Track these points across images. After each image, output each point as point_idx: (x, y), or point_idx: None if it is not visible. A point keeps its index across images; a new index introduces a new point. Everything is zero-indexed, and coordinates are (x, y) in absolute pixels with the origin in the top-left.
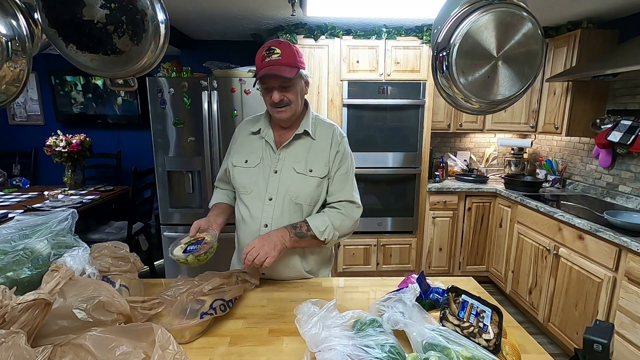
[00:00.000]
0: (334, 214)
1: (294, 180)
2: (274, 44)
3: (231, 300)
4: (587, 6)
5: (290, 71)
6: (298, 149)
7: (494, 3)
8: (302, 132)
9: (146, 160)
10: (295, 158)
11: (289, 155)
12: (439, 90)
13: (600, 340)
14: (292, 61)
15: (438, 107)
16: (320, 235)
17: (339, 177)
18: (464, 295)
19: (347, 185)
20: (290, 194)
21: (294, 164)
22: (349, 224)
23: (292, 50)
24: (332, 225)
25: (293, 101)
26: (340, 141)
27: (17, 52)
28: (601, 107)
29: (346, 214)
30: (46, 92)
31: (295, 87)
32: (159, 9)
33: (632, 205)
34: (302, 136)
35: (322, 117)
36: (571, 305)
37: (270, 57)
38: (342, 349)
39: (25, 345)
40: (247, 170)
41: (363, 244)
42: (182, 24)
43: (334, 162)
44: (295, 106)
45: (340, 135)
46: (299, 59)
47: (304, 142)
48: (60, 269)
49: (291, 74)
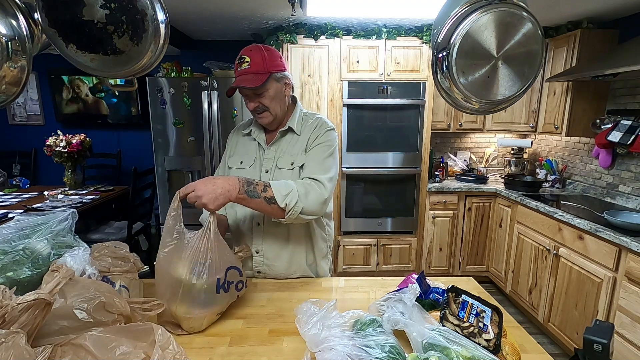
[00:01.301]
0: (299, 183)
1: (280, 177)
2: (246, 52)
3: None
4: (587, 6)
5: (256, 80)
6: (283, 146)
7: (494, 3)
8: (287, 128)
9: (146, 160)
10: (280, 155)
11: (275, 153)
12: (439, 90)
13: (600, 340)
14: (260, 68)
15: (438, 107)
16: (282, 199)
17: (311, 154)
18: (464, 295)
19: (316, 166)
20: None
21: (278, 161)
22: (315, 197)
23: (262, 55)
24: (297, 192)
25: (269, 106)
26: (320, 126)
27: (17, 52)
28: (601, 107)
29: (313, 187)
30: (46, 92)
31: (269, 92)
32: (159, 9)
33: (632, 205)
34: (287, 133)
35: (311, 112)
36: (571, 305)
37: (241, 67)
38: (342, 349)
39: (25, 345)
40: (242, 172)
41: (363, 244)
42: (182, 24)
43: (308, 144)
44: (274, 110)
45: (320, 126)
46: (272, 63)
47: (289, 138)
48: (61, 269)
49: (256, 83)
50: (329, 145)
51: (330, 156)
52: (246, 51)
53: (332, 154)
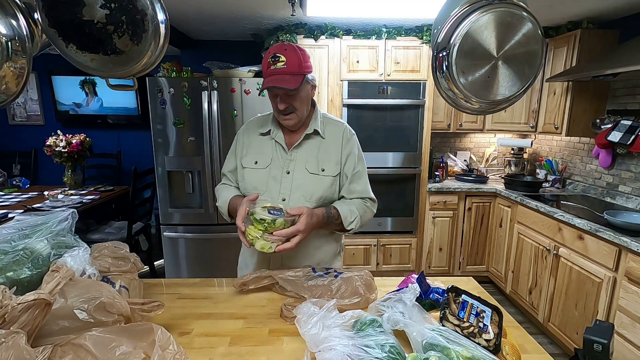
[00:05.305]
0: (358, 204)
1: (307, 180)
2: (280, 50)
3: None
4: (587, 6)
5: (294, 81)
6: (309, 149)
7: (494, 3)
8: (312, 131)
9: (146, 160)
10: (307, 158)
11: (300, 155)
12: (439, 90)
13: (600, 340)
14: (297, 69)
15: (438, 107)
16: (347, 225)
17: (356, 174)
18: (464, 295)
19: (364, 183)
20: (304, 194)
21: (306, 164)
22: (369, 216)
23: (297, 56)
24: (360, 217)
25: (298, 108)
26: (350, 138)
27: (17, 52)
28: (601, 107)
29: (368, 208)
30: (46, 92)
31: (301, 94)
32: (159, 9)
33: (632, 205)
34: (312, 136)
35: (330, 115)
36: (571, 305)
37: (275, 66)
38: (342, 349)
39: (25, 345)
40: (257, 172)
41: (363, 244)
42: (182, 24)
43: (348, 160)
44: (301, 112)
45: (350, 133)
46: (305, 64)
47: (314, 141)
48: (61, 269)
49: (295, 85)
50: (363, 158)
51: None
52: (281, 49)
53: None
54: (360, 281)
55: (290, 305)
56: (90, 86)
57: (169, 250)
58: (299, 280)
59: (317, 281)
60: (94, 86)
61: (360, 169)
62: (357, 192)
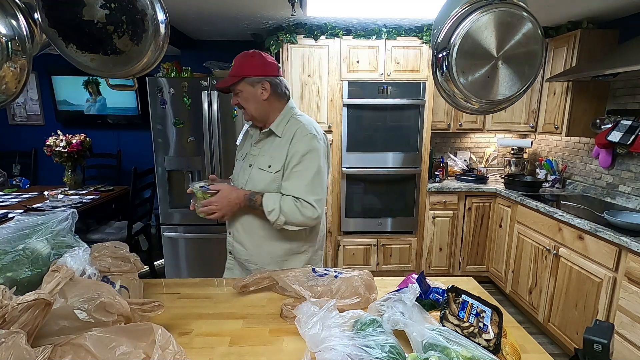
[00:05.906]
0: (288, 201)
1: (256, 174)
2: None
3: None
4: (587, 6)
5: (227, 81)
6: (266, 146)
7: (494, 3)
8: (268, 130)
9: (146, 160)
10: (263, 154)
11: (260, 151)
12: (439, 90)
13: (600, 340)
14: (235, 72)
15: (438, 107)
16: (267, 214)
17: (293, 173)
18: (464, 295)
19: (300, 183)
20: (251, 187)
21: (261, 160)
22: (298, 217)
23: (242, 61)
24: (281, 209)
25: (245, 106)
26: (301, 138)
27: (17, 52)
28: (601, 107)
29: (298, 208)
30: (46, 92)
31: (243, 93)
32: (159, 9)
33: (632, 205)
34: (270, 134)
35: (302, 117)
36: (571, 305)
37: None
38: (342, 349)
39: (25, 345)
40: (237, 163)
41: (363, 244)
42: (182, 24)
43: (292, 158)
44: (249, 110)
45: (303, 133)
46: (248, 66)
47: (271, 139)
48: (61, 269)
49: (224, 84)
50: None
51: (316, 175)
52: (238, 55)
53: (317, 172)
54: (360, 281)
55: (290, 305)
56: (93, 86)
57: (169, 250)
58: (299, 280)
59: (317, 281)
60: (97, 86)
61: (301, 169)
62: (288, 190)
